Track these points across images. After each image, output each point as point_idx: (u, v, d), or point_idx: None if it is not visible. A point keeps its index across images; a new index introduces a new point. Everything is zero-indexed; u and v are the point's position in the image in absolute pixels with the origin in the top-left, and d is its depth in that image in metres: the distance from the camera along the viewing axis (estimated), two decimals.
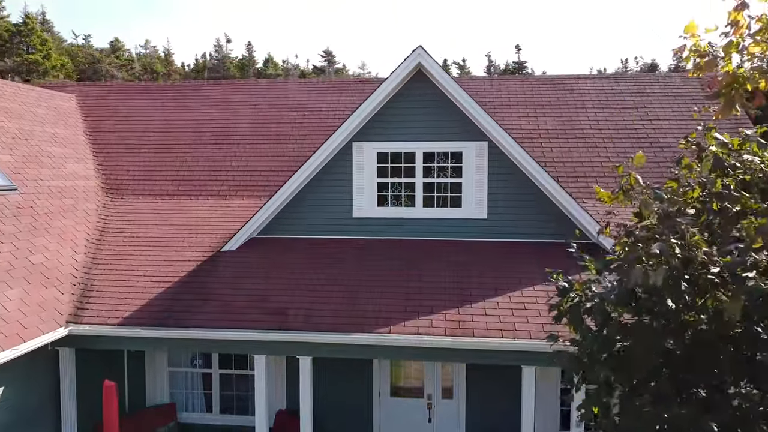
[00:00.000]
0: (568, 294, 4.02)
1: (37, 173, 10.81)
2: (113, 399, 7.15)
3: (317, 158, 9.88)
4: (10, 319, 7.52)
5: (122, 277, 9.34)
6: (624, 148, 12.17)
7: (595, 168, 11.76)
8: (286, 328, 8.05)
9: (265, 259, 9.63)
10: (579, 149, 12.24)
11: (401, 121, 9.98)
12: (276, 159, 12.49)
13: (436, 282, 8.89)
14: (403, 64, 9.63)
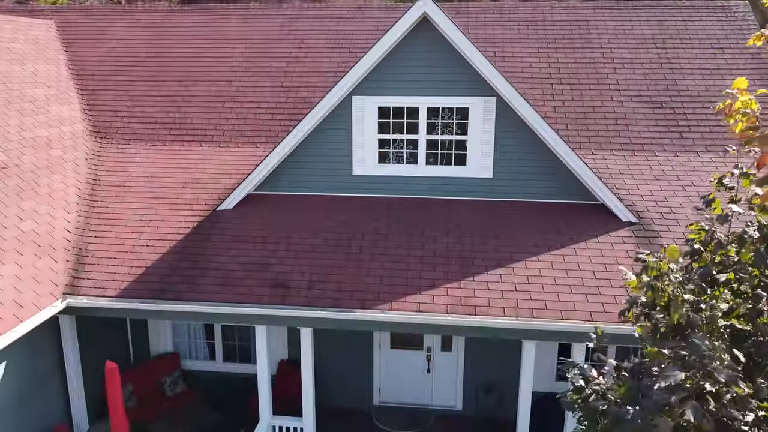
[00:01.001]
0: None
1: (19, 123, 10.27)
2: (116, 380, 7.18)
3: (315, 115, 9.34)
4: (5, 299, 7.40)
5: (117, 240, 9.13)
6: (639, 91, 11.53)
7: (607, 114, 11.19)
8: (287, 303, 7.95)
9: (263, 221, 9.37)
10: (591, 93, 11.59)
11: (404, 74, 9.32)
12: (272, 101, 11.86)
13: (438, 250, 8.69)
14: (407, 15, 8.83)
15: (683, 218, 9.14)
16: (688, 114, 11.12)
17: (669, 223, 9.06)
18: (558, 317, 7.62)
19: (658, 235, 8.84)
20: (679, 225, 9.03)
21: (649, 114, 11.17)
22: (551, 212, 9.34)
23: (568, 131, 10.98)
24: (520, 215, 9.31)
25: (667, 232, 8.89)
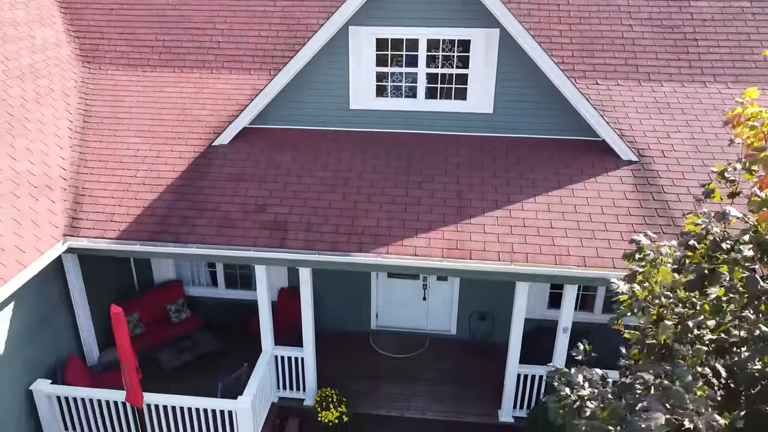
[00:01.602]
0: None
1: (3, 51, 9.87)
2: (122, 324, 7.42)
3: (309, 48, 8.95)
4: (6, 245, 7.48)
5: (113, 178, 9.07)
6: (650, 13, 10.96)
7: (615, 40, 10.71)
8: (286, 246, 8.05)
9: (259, 158, 9.27)
10: (600, 14, 11.02)
11: (404, 2, 8.83)
12: (264, 23, 11.30)
13: (436, 191, 8.67)
14: None
15: (684, 157, 9.05)
16: (699, 40, 10.66)
17: (669, 162, 8.98)
18: (552, 262, 7.75)
19: (657, 176, 8.79)
20: (680, 164, 8.96)
21: (659, 40, 10.70)
22: (551, 150, 9.22)
23: (574, 58, 10.58)
24: (520, 153, 9.20)
25: (666, 172, 8.83)
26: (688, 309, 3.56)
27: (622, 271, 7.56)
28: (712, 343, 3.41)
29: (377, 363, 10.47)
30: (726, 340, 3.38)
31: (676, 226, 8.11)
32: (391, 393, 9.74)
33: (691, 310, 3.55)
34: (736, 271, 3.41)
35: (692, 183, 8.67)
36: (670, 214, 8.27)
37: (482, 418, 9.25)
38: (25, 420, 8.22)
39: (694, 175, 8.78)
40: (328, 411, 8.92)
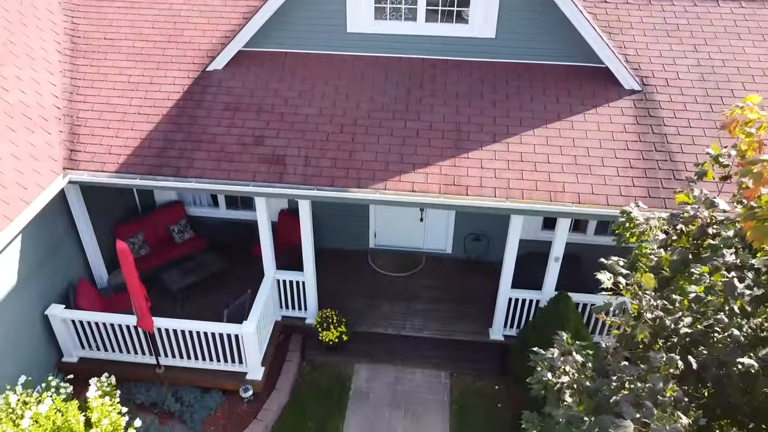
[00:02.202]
0: None
1: None
2: (128, 258, 7.68)
3: None
4: (8, 182, 7.56)
5: (107, 106, 8.95)
6: None
7: None
8: (285, 181, 8.13)
9: (255, 85, 9.09)
10: None
11: None
12: None
13: (435, 122, 8.61)
14: None
15: (688, 86, 8.89)
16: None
17: (672, 92, 8.84)
18: (547, 199, 7.88)
19: (659, 106, 8.69)
20: (683, 94, 8.82)
21: None
22: (554, 77, 9.03)
23: None
24: (522, 80, 9.02)
25: (668, 103, 8.72)
26: (668, 305, 3.75)
27: (615, 208, 7.75)
28: (687, 336, 3.64)
29: (375, 282, 10.91)
30: (700, 333, 3.61)
31: (672, 161, 8.15)
32: (389, 312, 10.26)
33: (671, 306, 3.75)
34: (716, 274, 3.56)
35: (693, 115, 8.59)
36: (668, 149, 8.28)
37: (474, 336, 9.82)
38: (44, 340, 8.73)
39: (695, 107, 8.68)
40: (328, 331, 9.45)
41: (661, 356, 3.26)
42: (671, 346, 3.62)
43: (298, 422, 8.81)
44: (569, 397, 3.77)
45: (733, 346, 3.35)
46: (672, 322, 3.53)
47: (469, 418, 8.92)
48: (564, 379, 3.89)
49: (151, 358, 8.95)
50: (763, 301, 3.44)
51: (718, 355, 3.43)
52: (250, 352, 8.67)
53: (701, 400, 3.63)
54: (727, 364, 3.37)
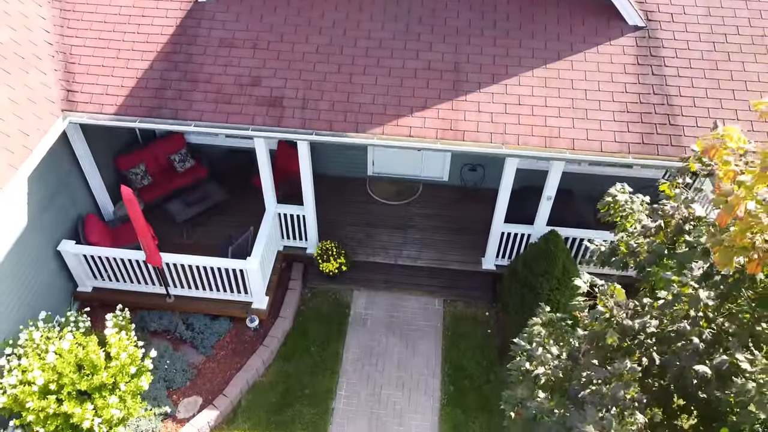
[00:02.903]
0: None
1: None
2: (134, 204, 7.93)
3: None
4: (10, 130, 7.63)
5: (101, 42, 8.79)
6: None
7: None
8: (283, 125, 8.19)
9: (249, 18, 8.86)
10: None
11: None
12: None
13: (433, 61, 8.51)
14: None
15: (692, 21, 8.70)
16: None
17: (676, 29, 8.66)
18: (542, 145, 8.00)
19: (661, 45, 8.56)
20: (686, 31, 8.65)
21: None
22: (556, 11, 8.80)
23: None
24: (524, 15, 8.79)
25: (671, 41, 8.58)
26: (638, 307, 4.06)
27: (608, 155, 7.92)
28: (654, 336, 3.98)
29: (373, 210, 11.25)
30: (664, 336, 3.95)
31: (669, 106, 8.18)
32: (386, 241, 10.68)
33: (640, 309, 4.06)
34: (685, 286, 3.83)
35: (694, 54, 8.49)
36: (666, 92, 8.27)
37: (467, 266, 10.31)
38: (59, 273, 9.20)
39: (698, 45, 8.55)
40: (328, 263, 9.91)
41: (625, 365, 3.64)
42: (638, 343, 4.00)
43: (301, 346, 9.49)
44: (542, 392, 4.21)
45: (692, 352, 3.72)
46: (640, 326, 3.88)
47: (460, 343, 9.61)
48: (540, 370, 4.31)
49: (161, 288, 9.46)
50: (725, 298, 3.76)
51: (678, 358, 3.81)
52: (254, 284, 9.17)
53: (663, 390, 4.07)
54: (686, 368, 3.76)
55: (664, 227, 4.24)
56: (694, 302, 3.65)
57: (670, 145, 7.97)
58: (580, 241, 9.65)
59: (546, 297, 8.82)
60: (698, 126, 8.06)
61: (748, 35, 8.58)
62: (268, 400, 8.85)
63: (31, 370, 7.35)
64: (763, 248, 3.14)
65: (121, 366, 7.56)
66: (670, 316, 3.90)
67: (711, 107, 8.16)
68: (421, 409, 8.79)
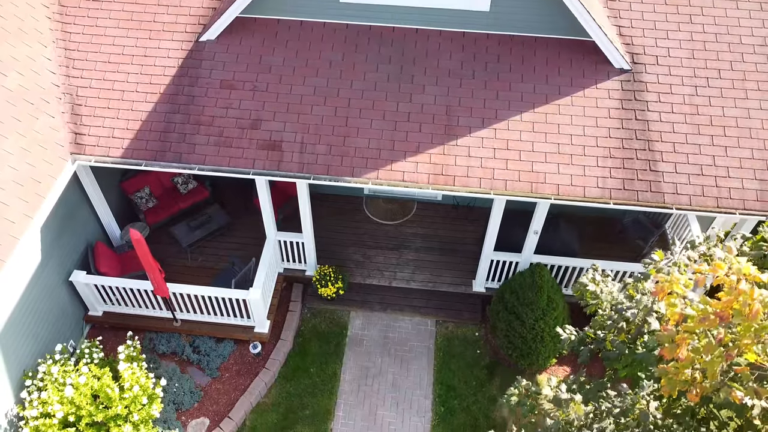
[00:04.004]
0: None
1: None
2: (142, 244, 8.39)
3: None
4: (23, 179, 8.03)
5: (105, 83, 9.10)
6: None
7: None
8: (282, 169, 8.58)
9: (249, 59, 9.16)
10: None
11: None
12: None
13: (425, 104, 8.85)
14: None
15: (676, 65, 9.01)
16: None
17: (660, 72, 8.98)
18: (528, 190, 8.42)
19: (645, 89, 8.90)
20: (670, 74, 8.98)
21: None
22: (546, 53, 9.10)
23: None
24: (513, 56, 9.10)
25: (655, 84, 8.91)
26: (597, 411, 4.58)
27: (590, 200, 8.35)
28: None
29: (369, 230, 11.71)
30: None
31: (651, 151, 8.57)
32: (382, 262, 11.18)
33: (598, 413, 4.58)
34: (639, 401, 4.32)
35: (677, 99, 8.83)
36: (648, 137, 8.65)
37: (459, 288, 10.84)
38: (71, 299, 9.72)
39: (681, 89, 8.88)
40: (326, 287, 10.44)
41: None
42: None
43: (301, 366, 10.09)
44: None
45: None
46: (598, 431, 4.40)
47: (451, 363, 10.22)
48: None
49: (169, 312, 10.00)
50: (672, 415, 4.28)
51: None
52: (256, 311, 9.71)
53: None
54: None
55: (626, 327, 4.73)
56: (644, 418, 4.16)
57: (650, 191, 8.40)
58: (566, 267, 10.16)
59: (531, 326, 9.39)
60: (677, 172, 8.47)
61: (729, 79, 8.91)
62: (270, 421, 9.49)
63: (51, 403, 7.95)
64: (701, 384, 3.64)
65: (134, 397, 8.15)
66: (624, 427, 4.43)
67: (690, 153, 8.56)
68: (413, 430, 9.44)
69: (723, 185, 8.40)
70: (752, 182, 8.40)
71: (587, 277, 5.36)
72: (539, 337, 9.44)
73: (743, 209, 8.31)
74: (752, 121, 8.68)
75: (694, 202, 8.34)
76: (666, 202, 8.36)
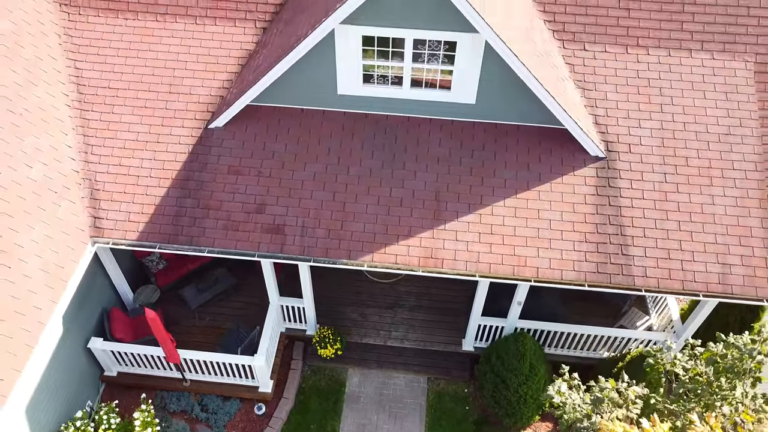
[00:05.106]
0: None
1: None
2: (158, 323, 9.16)
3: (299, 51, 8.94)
4: (48, 266, 8.80)
5: (121, 169, 9.83)
6: None
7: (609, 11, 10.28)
8: (285, 252, 9.34)
9: (254, 146, 9.92)
10: None
11: (388, 7, 8.61)
12: None
13: (416, 190, 9.61)
14: None
15: (647, 153, 9.78)
16: None
17: (632, 159, 9.75)
18: (510, 273, 9.20)
19: (619, 176, 9.67)
20: (641, 162, 9.75)
21: None
22: (528, 141, 9.87)
23: (566, 15, 10.37)
24: (498, 144, 9.87)
25: (627, 172, 9.68)
26: None
27: (567, 283, 9.12)
28: None
29: (365, 289, 12.48)
30: None
31: (623, 236, 9.35)
32: (377, 321, 11.96)
33: None
34: None
35: (647, 186, 9.60)
36: (620, 222, 9.43)
37: (449, 347, 11.62)
38: (88, 361, 10.50)
39: (651, 176, 9.65)
40: (325, 349, 11.22)
41: None
42: None
43: (302, 424, 10.87)
44: None
45: None
46: None
47: (442, 419, 11.00)
48: None
49: (179, 373, 10.78)
50: None
51: None
52: (261, 375, 10.49)
53: None
54: None
55: None
56: None
57: (621, 275, 9.17)
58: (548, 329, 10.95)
59: (515, 389, 10.17)
60: (646, 256, 9.25)
61: (696, 167, 9.69)
62: None
63: None
64: None
65: None
66: None
67: (659, 238, 9.34)
68: None
69: (688, 269, 9.17)
70: (715, 266, 9.18)
71: (554, 388, 6.11)
72: (523, 400, 10.22)
73: (706, 291, 9.08)
74: (716, 207, 9.46)
75: (661, 284, 9.11)
76: (636, 284, 9.13)
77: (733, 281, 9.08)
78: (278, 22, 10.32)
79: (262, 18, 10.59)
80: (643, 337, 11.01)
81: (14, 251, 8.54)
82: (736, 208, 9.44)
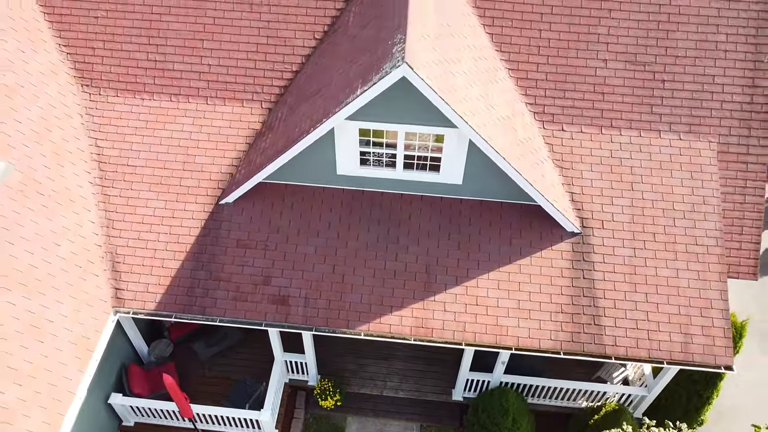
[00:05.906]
0: None
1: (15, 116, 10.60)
2: (174, 388, 10.13)
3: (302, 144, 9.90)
4: (76, 338, 9.77)
5: (140, 242, 10.80)
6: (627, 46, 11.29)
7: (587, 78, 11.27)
8: (289, 321, 10.31)
9: (261, 221, 10.89)
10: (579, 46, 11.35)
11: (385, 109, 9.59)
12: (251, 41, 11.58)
13: (409, 263, 10.58)
14: (386, 79, 8.75)
15: (618, 229, 10.75)
16: (666, 81, 11.27)
17: (605, 235, 10.73)
18: (493, 341, 10.17)
19: (592, 251, 10.64)
20: (613, 238, 10.72)
21: (629, 79, 11.29)
22: (510, 217, 10.84)
23: (545, 98, 11.34)
24: (483, 220, 10.84)
25: (600, 247, 10.65)
26: None
27: (544, 351, 10.09)
28: None
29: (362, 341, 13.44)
30: None
31: (595, 307, 10.32)
32: (373, 372, 12.94)
33: None
34: None
35: (618, 260, 10.58)
36: (593, 294, 10.40)
37: (440, 396, 12.60)
38: (108, 412, 11.47)
39: (621, 251, 10.63)
40: (326, 400, 12.19)
41: None
42: None
43: None
44: None
45: None
46: None
47: None
48: None
49: (192, 424, 11.75)
50: None
51: None
52: (266, 427, 11.46)
53: None
54: None
55: None
56: None
57: (593, 344, 10.15)
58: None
59: None
60: (617, 326, 10.22)
61: (663, 242, 10.66)
62: None
63: None
64: None
65: None
66: None
67: (628, 309, 10.31)
68: None
69: (654, 338, 10.15)
70: (678, 335, 10.16)
71: None
72: None
73: (670, 359, 10.06)
74: (680, 280, 10.43)
75: (629, 353, 10.09)
76: (606, 353, 10.11)
77: (695, 350, 10.05)
78: (283, 105, 11.30)
79: (268, 99, 11.57)
80: (617, 390, 11.98)
81: (46, 326, 9.50)
82: (698, 281, 10.41)
